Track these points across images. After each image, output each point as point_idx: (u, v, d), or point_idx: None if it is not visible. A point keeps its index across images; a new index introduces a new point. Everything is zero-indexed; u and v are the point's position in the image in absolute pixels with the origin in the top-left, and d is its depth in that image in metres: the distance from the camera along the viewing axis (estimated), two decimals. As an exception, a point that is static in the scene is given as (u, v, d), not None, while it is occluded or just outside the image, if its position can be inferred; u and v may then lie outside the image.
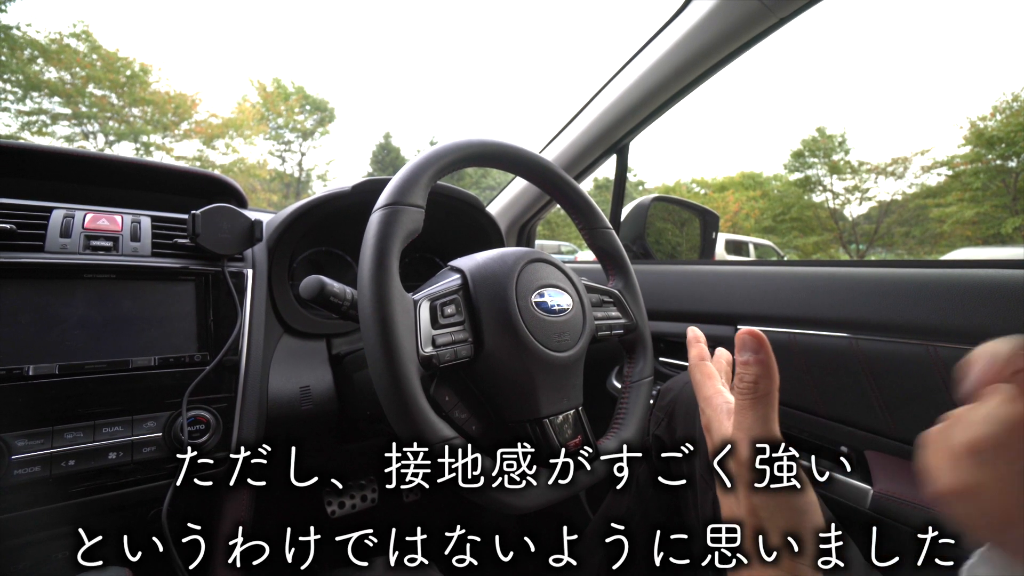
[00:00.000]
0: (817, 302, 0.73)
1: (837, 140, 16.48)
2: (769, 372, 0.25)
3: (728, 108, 35.67)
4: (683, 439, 0.63)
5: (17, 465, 0.48)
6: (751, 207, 18.41)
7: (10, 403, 0.48)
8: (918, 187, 15.61)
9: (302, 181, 19.87)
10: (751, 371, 0.25)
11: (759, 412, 0.25)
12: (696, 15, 0.77)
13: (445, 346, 0.46)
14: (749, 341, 0.25)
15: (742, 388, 0.25)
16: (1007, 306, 0.57)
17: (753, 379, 0.25)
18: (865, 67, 33.41)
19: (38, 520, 0.50)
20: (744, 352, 0.25)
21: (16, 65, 12.22)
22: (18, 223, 0.53)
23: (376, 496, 1.03)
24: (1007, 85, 20.81)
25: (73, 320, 0.53)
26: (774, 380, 0.25)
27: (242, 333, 0.63)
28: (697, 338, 0.36)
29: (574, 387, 0.54)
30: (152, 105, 14.56)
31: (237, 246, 0.64)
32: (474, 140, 0.54)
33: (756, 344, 0.25)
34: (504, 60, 50.35)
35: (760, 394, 0.25)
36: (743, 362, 0.25)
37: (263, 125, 18.00)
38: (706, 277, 0.91)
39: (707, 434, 0.33)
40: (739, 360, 0.25)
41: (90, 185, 0.72)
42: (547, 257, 0.57)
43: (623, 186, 1.15)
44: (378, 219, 0.46)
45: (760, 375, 0.25)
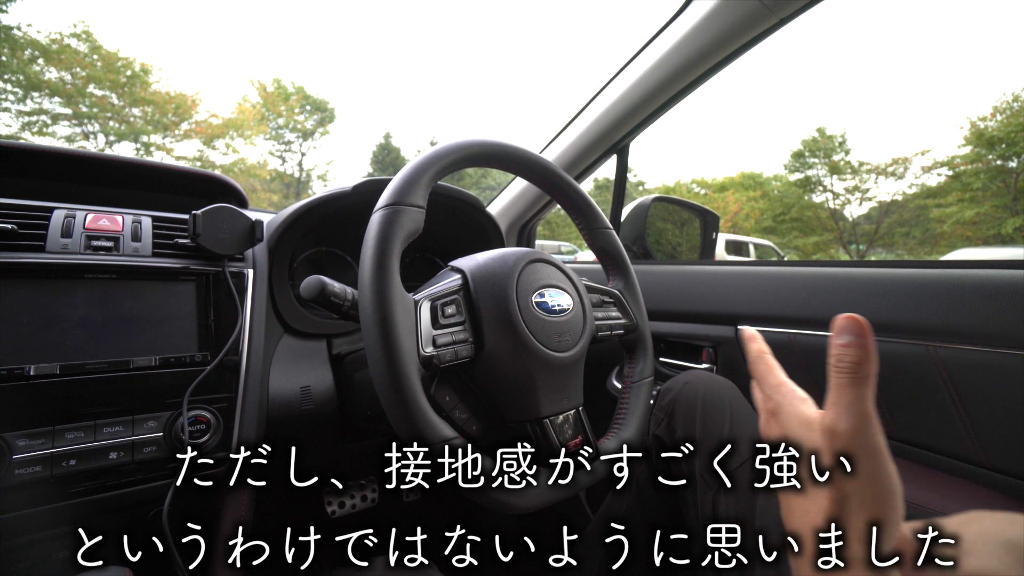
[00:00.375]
0: (817, 302, 0.73)
1: (837, 140, 16.48)
2: (871, 356, 0.25)
3: (728, 108, 35.67)
4: (683, 439, 0.63)
5: (18, 465, 0.48)
6: (751, 207, 18.41)
7: (11, 403, 0.48)
8: (918, 187, 15.62)
9: (302, 181, 19.88)
10: (853, 352, 0.25)
11: (860, 391, 0.25)
12: (696, 15, 0.77)
13: (445, 346, 0.46)
14: (852, 325, 0.26)
15: (842, 367, 0.25)
16: (1007, 306, 0.57)
17: (856, 359, 0.25)
18: (865, 67, 33.42)
19: (39, 520, 0.50)
20: (845, 335, 0.26)
21: (17, 65, 12.23)
22: (19, 223, 0.53)
23: (376, 496, 1.03)
24: (1007, 85, 20.83)
25: (74, 320, 0.53)
26: (875, 364, 0.25)
27: (243, 333, 0.63)
28: (754, 336, 0.37)
29: (574, 387, 0.54)
30: (152, 105, 14.57)
31: (238, 246, 0.64)
32: (474, 140, 0.54)
33: (859, 328, 0.26)
34: (505, 60, 50.37)
35: (862, 375, 0.25)
36: (844, 344, 0.26)
37: (263, 125, 18.00)
38: (706, 277, 0.91)
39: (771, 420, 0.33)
40: (838, 343, 0.26)
41: (91, 185, 0.72)
42: (547, 257, 0.57)
43: (623, 186, 1.15)
44: (379, 219, 0.46)
45: (863, 357, 0.25)
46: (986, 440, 0.56)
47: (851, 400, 0.25)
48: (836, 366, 0.26)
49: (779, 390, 0.33)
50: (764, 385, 0.34)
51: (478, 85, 48.48)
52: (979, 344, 0.57)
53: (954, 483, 0.57)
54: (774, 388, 0.33)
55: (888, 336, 0.64)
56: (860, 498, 0.25)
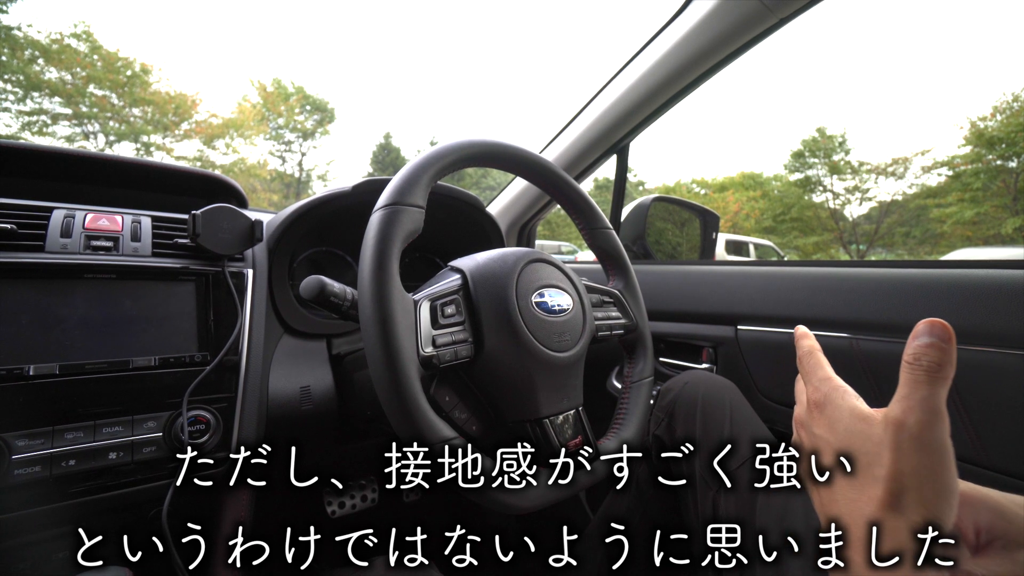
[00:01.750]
0: (817, 302, 0.73)
1: (837, 140, 16.48)
2: (952, 360, 0.26)
3: (728, 108, 35.67)
4: (683, 439, 0.63)
5: (17, 465, 0.48)
6: (751, 207, 18.40)
7: (10, 403, 0.48)
8: (918, 187, 15.62)
9: (302, 181, 19.88)
10: (935, 354, 0.26)
11: (936, 389, 0.25)
12: (696, 15, 0.77)
13: (445, 346, 0.46)
14: (937, 328, 0.26)
15: (920, 365, 0.26)
16: (1008, 306, 0.57)
17: (937, 360, 0.26)
18: (865, 67, 33.42)
19: (38, 520, 0.50)
20: (928, 336, 0.26)
21: (17, 65, 12.23)
22: (19, 223, 0.53)
23: (376, 496, 1.03)
24: (1007, 85, 20.82)
25: (73, 320, 0.53)
26: (954, 366, 0.26)
27: (242, 333, 0.63)
28: (806, 334, 0.38)
29: (574, 387, 0.54)
30: (152, 105, 14.57)
31: (237, 246, 0.64)
32: (474, 140, 0.54)
33: (945, 333, 0.26)
34: (505, 60, 50.36)
35: (942, 375, 0.26)
36: (926, 345, 0.26)
37: (263, 125, 18.01)
38: (706, 277, 0.91)
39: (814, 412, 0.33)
40: (919, 343, 0.26)
41: (90, 185, 0.72)
42: (547, 257, 0.57)
43: (623, 186, 1.15)
44: (378, 219, 0.46)
45: (945, 360, 0.26)
46: (986, 440, 0.56)
47: (925, 396, 0.26)
48: (913, 364, 0.26)
49: (829, 383, 0.33)
50: (812, 378, 0.34)
51: (478, 85, 48.49)
52: (980, 344, 0.57)
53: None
54: (823, 380, 0.33)
55: (888, 336, 0.64)
56: (919, 493, 0.25)
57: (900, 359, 0.27)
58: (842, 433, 0.30)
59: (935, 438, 0.25)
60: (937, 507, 0.25)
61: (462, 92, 47.59)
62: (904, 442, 0.26)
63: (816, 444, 0.32)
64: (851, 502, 0.28)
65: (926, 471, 0.25)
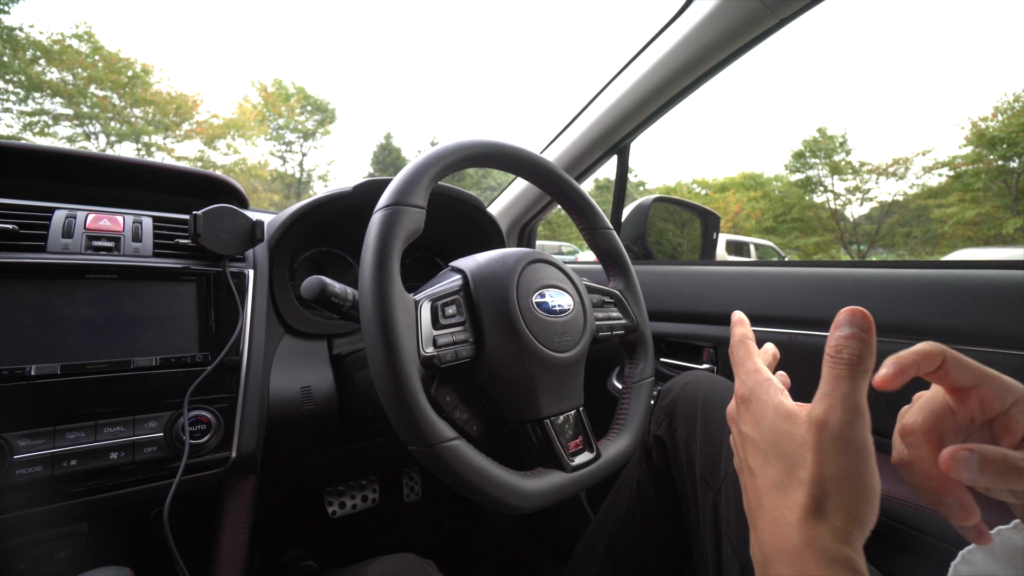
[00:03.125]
0: (818, 302, 0.73)
1: (838, 140, 16.47)
2: (872, 351, 0.25)
3: (729, 108, 35.65)
4: (684, 439, 0.63)
5: (19, 465, 0.48)
6: (752, 207, 18.40)
7: (12, 403, 0.49)
8: (919, 188, 15.61)
9: (303, 181, 19.90)
10: (854, 345, 0.25)
11: (856, 384, 0.25)
12: (697, 15, 0.77)
13: (446, 346, 0.46)
14: (856, 318, 0.25)
15: (841, 359, 0.25)
16: (1008, 306, 0.57)
17: (857, 352, 0.25)
18: (866, 67, 33.38)
19: (39, 520, 0.50)
20: (848, 327, 0.25)
21: (18, 66, 12.26)
22: (20, 223, 0.53)
23: (377, 496, 1.03)
24: (1008, 85, 20.79)
25: (75, 320, 0.53)
26: (874, 359, 0.25)
27: (243, 333, 0.63)
28: (741, 320, 0.36)
29: (575, 388, 0.54)
30: (153, 106, 14.60)
31: (238, 246, 0.64)
32: (475, 141, 0.54)
33: (864, 321, 0.25)
34: (505, 60, 50.35)
35: (862, 368, 0.25)
36: (847, 336, 0.25)
37: (264, 126, 18.02)
38: (707, 277, 0.91)
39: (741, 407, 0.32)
40: (840, 334, 0.25)
41: (92, 185, 0.72)
42: (548, 258, 0.57)
43: (624, 186, 1.15)
44: (379, 219, 0.46)
45: (864, 352, 0.25)
46: (987, 441, 0.56)
47: (846, 393, 0.25)
48: (834, 357, 0.25)
49: (755, 376, 0.31)
50: (740, 370, 0.33)
51: (478, 85, 48.48)
52: (980, 344, 0.57)
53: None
54: (750, 373, 0.32)
55: (889, 336, 0.64)
56: (842, 497, 0.24)
57: None
58: (767, 431, 0.29)
59: (856, 437, 0.24)
60: (859, 510, 0.24)
61: (462, 92, 47.60)
62: (827, 443, 0.25)
63: (743, 442, 0.31)
64: (773, 507, 0.27)
65: (847, 473, 0.24)
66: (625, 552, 0.67)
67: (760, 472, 0.28)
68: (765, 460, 0.28)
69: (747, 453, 0.30)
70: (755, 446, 0.29)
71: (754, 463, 0.29)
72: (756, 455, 0.29)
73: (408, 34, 46.16)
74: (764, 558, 0.27)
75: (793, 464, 0.26)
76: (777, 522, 0.26)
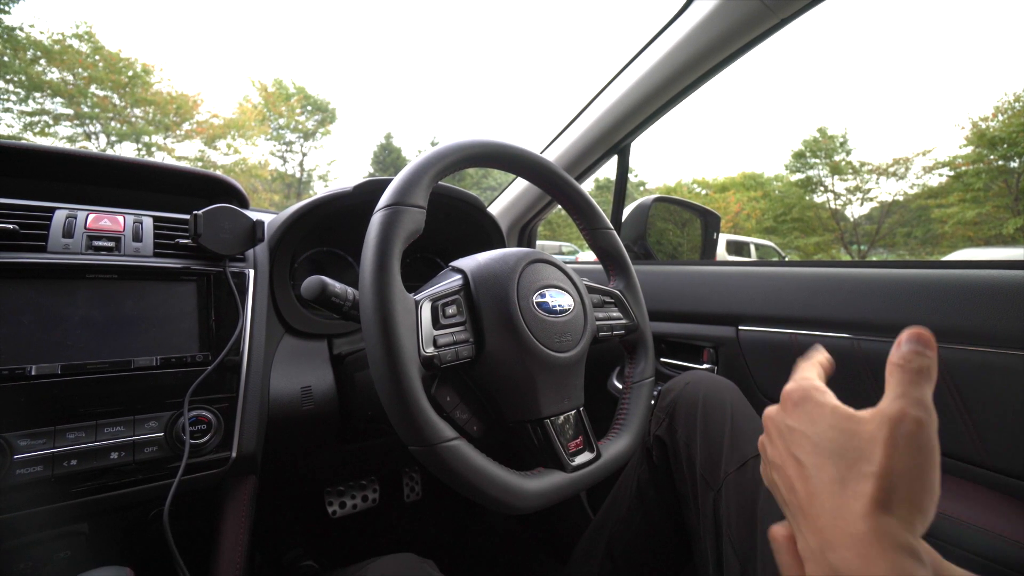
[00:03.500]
0: (818, 303, 0.73)
1: (838, 140, 16.47)
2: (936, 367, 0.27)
3: (729, 108, 35.64)
4: (684, 439, 0.63)
5: (19, 465, 0.48)
6: (752, 207, 18.40)
7: (12, 403, 0.49)
8: (920, 188, 15.62)
9: (303, 181, 19.91)
10: (921, 360, 0.27)
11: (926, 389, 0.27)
12: (697, 16, 0.77)
13: (446, 346, 0.46)
14: (924, 338, 0.28)
15: (910, 367, 0.27)
16: (1009, 306, 0.56)
17: (924, 365, 0.27)
18: (867, 67, 33.36)
19: (40, 520, 0.50)
20: (916, 343, 0.28)
21: (19, 66, 12.27)
22: (20, 223, 0.53)
23: (377, 496, 1.03)
24: (1009, 85, 20.77)
25: (75, 320, 0.53)
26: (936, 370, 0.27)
27: (243, 333, 0.63)
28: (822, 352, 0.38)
29: (575, 388, 0.54)
30: (154, 105, 14.61)
31: (239, 246, 0.64)
32: (475, 141, 0.54)
33: (928, 341, 0.28)
34: (506, 60, 50.35)
35: (930, 376, 0.27)
36: (913, 351, 0.28)
37: (264, 126, 18.03)
38: (707, 278, 0.91)
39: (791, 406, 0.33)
40: (907, 350, 0.28)
41: (92, 185, 0.72)
42: (548, 258, 0.57)
43: (624, 186, 1.15)
44: (379, 219, 0.46)
45: (930, 366, 0.27)
46: (987, 440, 0.56)
47: (921, 395, 0.26)
48: (904, 366, 0.27)
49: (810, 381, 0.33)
50: (796, 375, 0.35)
51: (479, 85, 48.48)
52: (981, 344, 0.57)
53: (955, 483, 0.57)
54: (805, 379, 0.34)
55: (890, 337, 0.64)
56: (909, 491, 0.25)
57: None
58: (825, 428, 0.30)
59: (928, 436, 0.26)
60: (923, 503, 0.25)
61: (463, 92, 47.60)
62: (900, 439, 0.26)
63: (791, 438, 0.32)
64: (833, 496, 0.28)
65: (917, 469, 0.26)
66: (625, 552, 0.67)
67: (814, 465, 0.30)
68: (819, 454, 0.30)
69: (797, 448, 0.31)
70: (808, 440, 0.31)
71: (806, 457, 0.30)
72: (807, 449, 0.30)
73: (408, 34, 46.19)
74: (823, 544, 0.28)
75: (857, 458, 0.27)
76: (839, 510, 0.27)
